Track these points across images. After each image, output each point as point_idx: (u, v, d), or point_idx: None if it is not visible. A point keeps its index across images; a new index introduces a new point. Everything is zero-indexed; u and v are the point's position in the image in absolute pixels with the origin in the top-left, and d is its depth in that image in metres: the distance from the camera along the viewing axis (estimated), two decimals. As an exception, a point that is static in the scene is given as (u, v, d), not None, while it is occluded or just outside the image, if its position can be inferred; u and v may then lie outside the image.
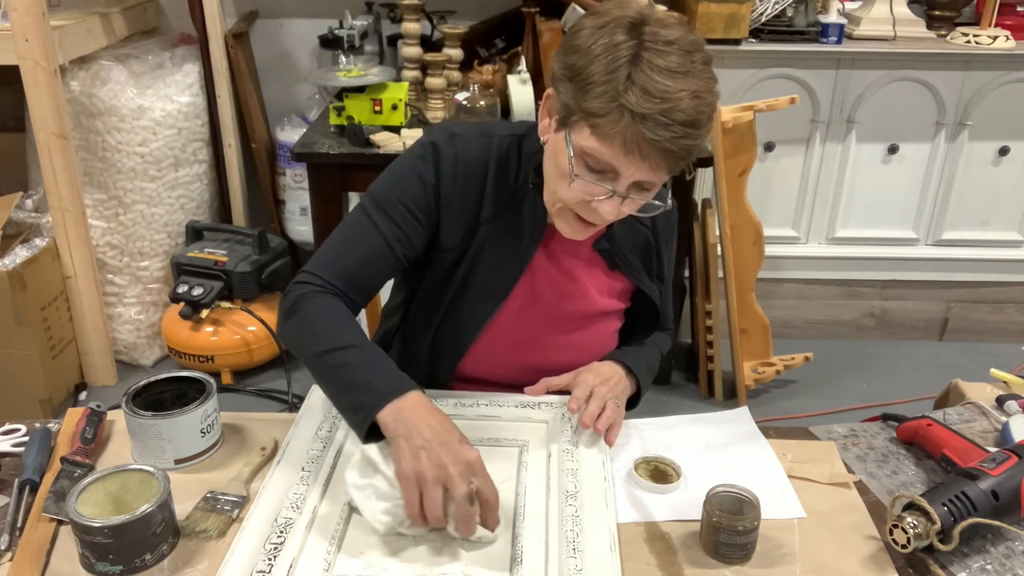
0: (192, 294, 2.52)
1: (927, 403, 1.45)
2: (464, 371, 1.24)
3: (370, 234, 1.13)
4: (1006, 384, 1.32)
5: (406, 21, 2.48)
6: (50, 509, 0.97)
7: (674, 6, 2.66)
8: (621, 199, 1.02)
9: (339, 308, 1.08)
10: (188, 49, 2.82)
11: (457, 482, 0.90)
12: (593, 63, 0.97)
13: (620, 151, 0.98)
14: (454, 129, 1.18)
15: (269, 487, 1.00)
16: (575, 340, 1.24)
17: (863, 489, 1.07)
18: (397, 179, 1.16)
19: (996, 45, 2.62)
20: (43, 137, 2.32)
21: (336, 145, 2.28)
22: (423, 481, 0.90)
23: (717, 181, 2.39)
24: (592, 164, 1.01)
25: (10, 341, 2.34)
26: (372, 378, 1.00)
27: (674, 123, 0.95)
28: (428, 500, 0.90)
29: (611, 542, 0.93)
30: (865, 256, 2.89)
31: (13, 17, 2.19)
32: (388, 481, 0.94)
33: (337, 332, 1.05)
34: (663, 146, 0.96)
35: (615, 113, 0.96)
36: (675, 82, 0.95)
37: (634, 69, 0.95)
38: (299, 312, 1.08)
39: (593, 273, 1.23)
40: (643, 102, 0.94)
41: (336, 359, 1.02)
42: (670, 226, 1.29)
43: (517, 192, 1.16)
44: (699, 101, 0.96)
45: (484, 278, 1.18)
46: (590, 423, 1.09)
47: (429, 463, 0.90)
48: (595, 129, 0.98)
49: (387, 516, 0.93)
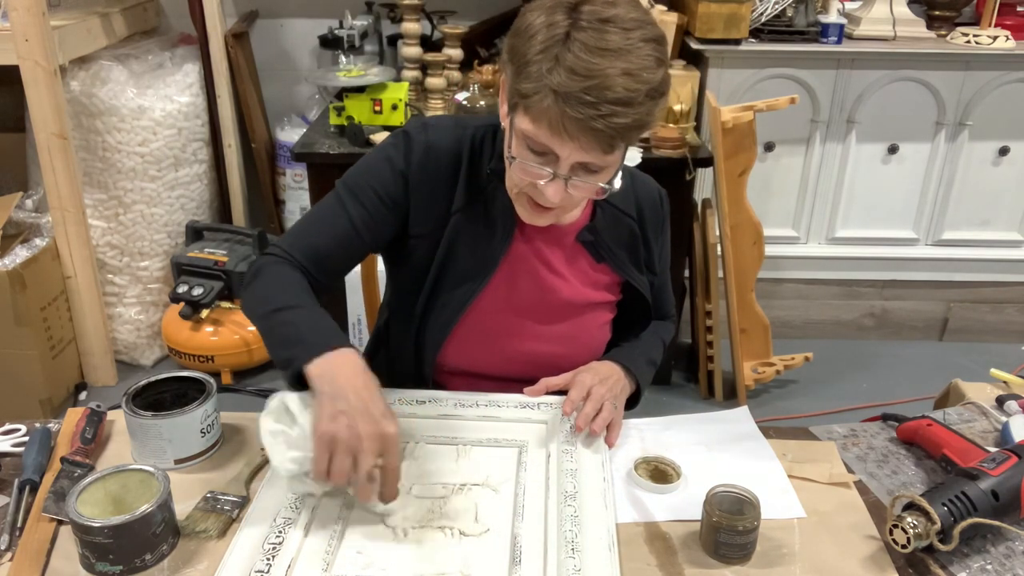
0: (192, 294, 2.52)
1: (927, 403, 1.46)
2: (447, 362, 1.24)
3: (338, 216, 1.16)
4: (1006, 384, 1.32)
5: (406, 21, 2.48)
6: (50, 509, 0.97)
7: (674, 6, 2.66)
8: (564, 181, 1.03)
9: (295, 276, 1.11)
10: (188, 49, 2.82)
11: (365, 457, 0.90)
12: (529, 44, 0.98)
13: (548, 131, 0.98)
14: (429, 120, 1.20)
15: (268, 486, 1.00)
16: (559, 330, 1.24)
17: (863, 489, 1.07)
18: (369, 166, 1.18)
19: (996, 45, 2.62)
20: (43, 137, 2.32)
21: (336, 145, 2.28)
22: (335, 445, 0.90)
23: (717, 181, 2.39)
24: (533, 147, 1.02)
25: (10, 341, 2.34)
26: (309, 334, 1.01)
27: (600, 101, 0.94)
28: (335, 464, 0.90)
29: (610, 542, 0.92)
30: (865, 256, 2.89)
31: (13, 17, 2.19)
32: (302, 432, 0.94)
33: (286, 295, 1.07)
34: (589, 125, 0.95)
35: (542, 93, 0.96)
36: (603, 60, 0.94)
37: (562, 49, 0.96)
38: (257, 278, 1.11)
39: (577, 265, 1.23)
40: (566, 81, 0.95)
41: (279, 318, 1.04)
42: (658, 215, 1.29)
43: (490, 182, 1.17)
44: (631, 79, 0.95)
45: (461, 267, 1.19)
46: (584, 426, 1.09)
47: (345, 430, 0.90)
48: (527, 111, 0.99)
49: (294, 464, 0.93)
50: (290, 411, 0.96)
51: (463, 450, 1.09)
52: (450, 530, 0.95)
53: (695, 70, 2.52)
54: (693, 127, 2.51)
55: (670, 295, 1.39)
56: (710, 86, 2.58)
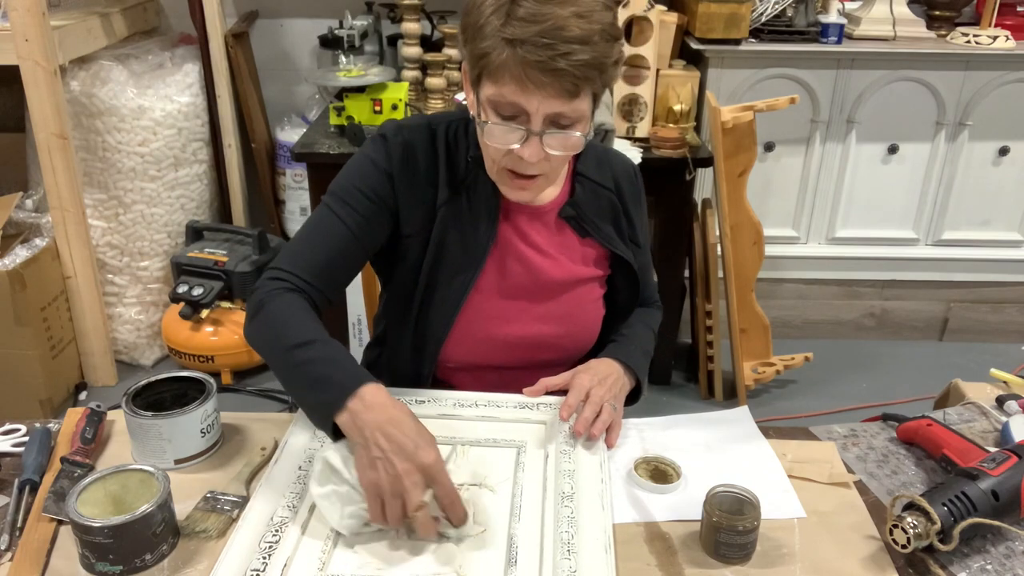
0: (192, 294, 2.52)
1: (927, 403, 1.45)
2: (450, 358, 1.24)
3: (333, 225, 1.15)
4: (1006, 384, 1.32)
5: (406, 21, 2.49)
6: (50, 509, 0.97)
7: (674, 6, 2.66)
8: (539, 137, 1.04)
9: (300, 305, 1.09)
10: (188, 49, 2.82)
11: (412, 494, 0.90)
12: (479, 12, 1.01)
13: (513, 84, 1.00)
14: (401, 122, 1.22)
15: (266, 486, 1.00)
16: (554, 310, 1.24)
17: (863, 489, 1.07)
18: (353, 171, 1.19)
19: (996, 45, 2.62)
20: (43, 137, 2.32)
21: (336, 145, 2.28)
22: (381, 491, 0.91)
23: (717, 181, 2.39)
24: (502, 110, 1.03)
25: (10, 341, 2.34)
26: (333, 373, 1.00)
27: (556, 41, 0.97)
28: (388, 511, 0.91)
29: (607, 544, 0.92)
30: (865, 256, 2.89)
31: (13, 17, 2.19)
32: (351, 486, 0.94)
33: (295, 330, 1.05)
34: (550, 67, 0.97)
35: (499, 48, 0.99)
36: (553, 6, 0.98)
37: (512, 4, 0.99)
38: (262, 313, 1.08)
39: (564, 241, 1.24)
40: (519, 29, 0.97)
41: (295, 358, 1.02)
42: (635, 187, 1.30)
43: (468, 174, 1.18)
44: (583, 20, 0.98)
45: (452, 261, 1.19)
46: (583, 431, 1.09)
47: (385, 475, 0.90)
48: (489, 73, 1.01)
49: (353, 520, 0.93)
50: (335, 469, 0.95)
51: (461, 450, 1.09)
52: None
53: (695, 70, 2.52)
54: (693, 127, 2.51)
55: (654, 279, 1.39)
56: (710, 86, 2.58)
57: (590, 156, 1.26)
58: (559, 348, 1.25)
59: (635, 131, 2.43)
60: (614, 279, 1.31)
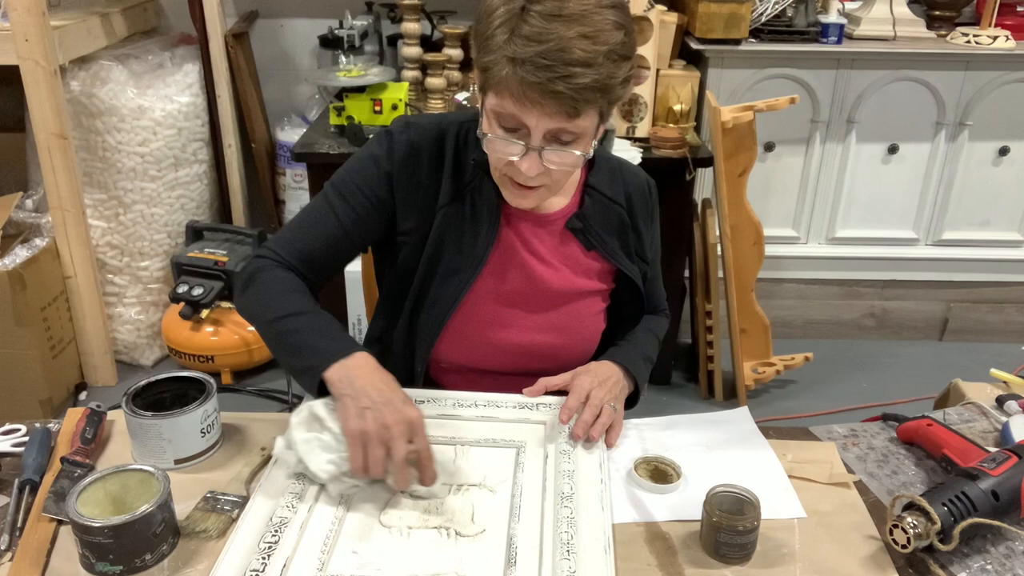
0: (192, 294, 2.52)
1: (927, 403, 1.46)
2: (442, 358, 1.24)
3: (327, 218, 1.17)
4: (1006, 384, 1.32)
5: (406, 21, 2.49)
6: (50, 509, 0.97)
7: (674, 6, 2.66)
8: (538, 153, 1.03)
9: (291, 279, 1.13)
10: (188, 49, 2.82)
11: (398, 443, 0.95)
12: (489, 22, 1.01)
13: (512, 101, 1.00)
14: (411, 119, 1.22)
15: (265, 486, 1.00)
16: (551, 320, 1.24)
17: (863, 489, 1.07)
18: (355, 167, 1.20)
19: (996, 45, 2.62)
20: (43, 137, 2.32)
21: (336, 145, 2.28)
22: (367, 439, 0.95)
23: (717, 181, 2.39)
24: (503, 122, 1.04)
25: (10, 341, 2.34)
26: (319, 341, 1.05)
27: (557, 63, 0.96)
28: (371, 457, 0.95)
29: (606, 544, 0.92)
30: (865, 256, 2.89)
31: (13, 17, 2.19)
32: (334, 436, 0.99)
33: (287, 301, 1.09)
34: (549, 89, 0.97)
35: (501, 63, 0.99)
36: (559, 25, 0.96)
37: (519, 21, 0.98)
38: (254, 284, 1.12)
39: (568, 253, 1.23)
40: (521, 48, 0.97)
41: (285, 325, 1.07)
42: (647, 203, 1.29)
43: (473, 176, 1.18)
44: (588, 41, 0.97)
45: (450, 260, 1.19)
46: (582, 434, 1.09)
47: (373, 423, 0.95)
48: (492, 86, 1.01)
49: (331, 466, 0.98)
50: (319, 418, 1.01)
51: (461, 450, 1.09)
52: (446, 530, 0.95)
53: (695, 70, 2.52)
54: (693, 127, 2.51)
55: (662, 288, 1.39)
56: (710, 86, 2.58)
57: (603, 169, 1.25)
58: (554, 358, 1.24)
59: (635, 131, 2.43)
60: (618, 293, 1.30)
